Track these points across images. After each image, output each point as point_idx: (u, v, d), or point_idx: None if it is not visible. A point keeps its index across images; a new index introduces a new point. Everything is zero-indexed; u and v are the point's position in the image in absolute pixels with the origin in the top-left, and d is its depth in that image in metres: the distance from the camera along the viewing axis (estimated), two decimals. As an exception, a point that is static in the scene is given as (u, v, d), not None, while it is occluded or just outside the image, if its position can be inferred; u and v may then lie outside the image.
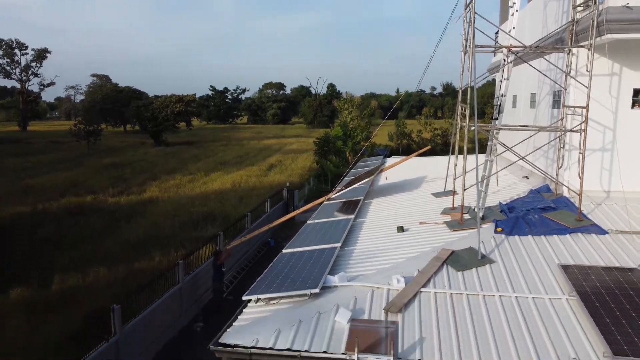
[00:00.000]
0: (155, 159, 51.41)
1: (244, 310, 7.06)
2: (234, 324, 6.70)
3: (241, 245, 19.69)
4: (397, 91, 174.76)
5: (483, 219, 9.37)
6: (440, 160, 18.44)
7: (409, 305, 6.72)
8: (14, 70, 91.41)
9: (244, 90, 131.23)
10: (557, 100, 11.59)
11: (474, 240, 8.51)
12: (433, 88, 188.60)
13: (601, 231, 8.80)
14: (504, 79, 9.56)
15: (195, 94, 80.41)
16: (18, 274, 18.97)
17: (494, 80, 20.59)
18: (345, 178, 18.22)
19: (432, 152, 58.33)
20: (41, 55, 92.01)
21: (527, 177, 13.11)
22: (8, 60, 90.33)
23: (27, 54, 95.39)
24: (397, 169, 20.38)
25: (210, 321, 14.81)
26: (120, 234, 23.61)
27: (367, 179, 14.34)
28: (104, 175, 40.26)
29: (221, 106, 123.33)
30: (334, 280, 7.35)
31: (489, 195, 9.96)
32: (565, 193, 10.57)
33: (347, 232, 9.95)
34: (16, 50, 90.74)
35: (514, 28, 9.63)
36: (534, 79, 13.25)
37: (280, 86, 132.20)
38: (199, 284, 15.46)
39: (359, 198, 13.55)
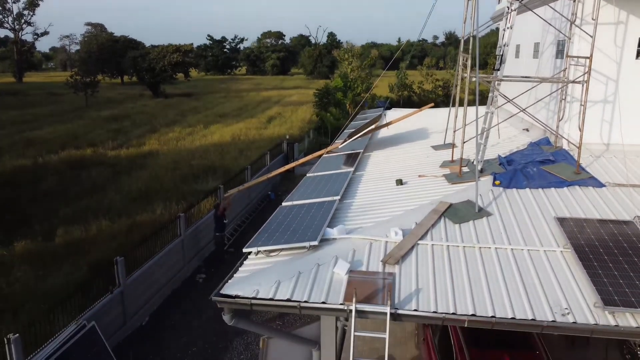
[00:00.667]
0: (154, 111, 51.00)
1: (244, 262, 7.20)
2: (235, 275, 6.84)
3: (242, 199, 19.87)
4: (399, 40, 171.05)
5: (482, 172, 9.39)
6: (440, 113, 18.26)
7: (406, 257, 6.85)
8: (6, 19, 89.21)
9: (242, 40, 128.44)
10: (560, 51, 11.36)
11: (472, 193, 8.56)
12: (435, 37, 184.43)
13: (598, 184, 8.85)
14: (507, 28, 9.33)
15: (192, 44, 78.71)
16: (22, 227, 19.26)
17: (497, 29, 20.13)
18: (345, 130, 18.13)
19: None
20: (33, 2, 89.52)
21: (527, 130, 13.04)
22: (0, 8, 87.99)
23: (18, 1, 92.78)
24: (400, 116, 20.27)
25: (212, 272, 15.15)
26: (121, 187, 23.77)
27: (366, 131, 14.27)
28: (104, 128, 40.07)
29: (219, 56, 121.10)
30: (333, 232, 7.45)
31: (489, 148, 9.92)
32: (565, 146, 10.54)
33: (346, 185, 10.00)
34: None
35: (519, -25, 9.31)
36: (538, 28, 12.93)
37: (280, 35, 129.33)
38: (201, 236, 15.70)
39: (358, 151, 13.54)
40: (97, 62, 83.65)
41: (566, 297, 6.04)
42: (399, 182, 9.89)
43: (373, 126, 14.59)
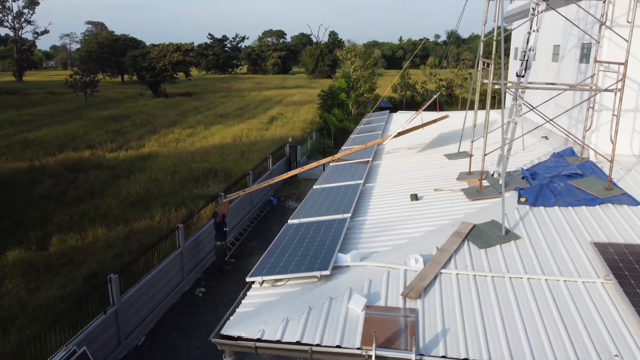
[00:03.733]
0: (154, 111, 50.24)
1: (247, 293, 6.48)
2: (237, 310, 6.12)
3: (243, 205, 19.16)
4: (400, 39, 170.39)
5: (505, 185, 8.65)
6: (451, 116, 17.51)
7: (428, 290, 6.13)
8: (6, 18, 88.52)
9: (243, 39, 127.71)
10: (585, 54, 10.62)
11: (495, 212, 7.85)
12: (437, 36, 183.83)
13: (633, 202, 8.11)
14: (533, 31, 8.58)
15: (193, 43, 77.98)
16: (16, 233, 18.57)
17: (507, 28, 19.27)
18: (352, 136, 17.40)
19: (435, 105, 57.06)
20: (33, 1, 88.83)
21: (546, 138, 12.31)
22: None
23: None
24: (406, 122, 19.53)
25: (213, 285, 14.43)
26: (119, 191, 23.03)
27: (374, 143, 13.56)
28: (103, 129, 39.33)
29: (220, 55, 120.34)
30: (346, 259, 6.73)
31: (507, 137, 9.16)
32: (592, 157, 9.82)
33: (356, 199, 9.29)
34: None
35: (546, -26, 8.57)
36: (559, 29, 12.18)
37: (281, 34, 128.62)
38: (200, 247, 14.97)
39: (367, 159, 12.82)
40: (97, 61, 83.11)
41: (613, 338, 5.32)
42: (414, 197, 9.16)
43: (380, 140, 13.86)
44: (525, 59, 8.70)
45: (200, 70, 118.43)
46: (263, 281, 6.50)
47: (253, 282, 6.61)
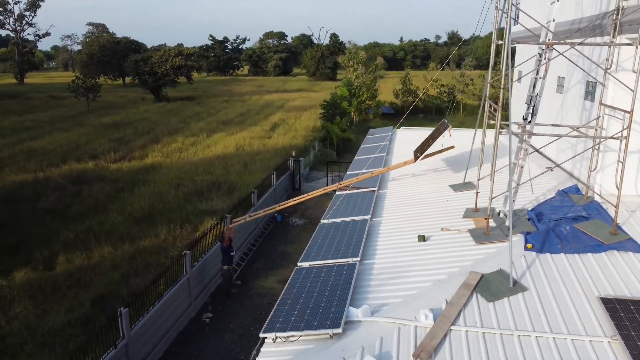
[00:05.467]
0: (156, 118, 50.40)
1: (261, 349, 6.60)
2: (251, 369, 6.24)
3: (248, 223, 19.27)
4: (401, 40, 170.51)
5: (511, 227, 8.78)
6: (453, 135, 17.61)
7: (439, 349, 6.26)
8: (7, 20, 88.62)
9: (244, 40, 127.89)
10: (590, 92, 10.74)
11: (503, 259, 7.98)
12: (437, 37, 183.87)
13: (639, 248, 8.23)
14: (540, 78, 8.71)
15: (194, 47, 78.17)
16: (22, 251, 18.69)
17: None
18: (355, 158, 17.53)
19: (438, 110, 57.05)
20: (35, 3, 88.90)
21: (550, 169, 12.41)
22: (1, 9, 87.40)
23: (19, 2, 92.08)
24: (409, 142, 19.64)
25: (219, 310, 14.56)
26: (124, 206, 23.17)
27: (379, 172, 13.69)
28: (105, 137, 39.49)
29: (221, 57, 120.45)
30: (357, 314, 6.86)
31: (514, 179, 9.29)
32: (597, 196, 9.94)
33: (364, 239, 9.42)
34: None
35: (553, 20, 8.69)
36: (563, 61, 12.26)
37: (282, 36, 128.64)
38: (207, 270, 15.11)
39: (372, 189, 12.95)
40: (98, 63, 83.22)
41: (620, 404, 5.46)
42: (422, 238, 9.29)
43: (385, 169, 13.99)
44: (532, 104, 8.82)
45: (201, 71, 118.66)
46: (276, 337, 6.63)
47: (266, 338, 6.73)
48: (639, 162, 9.67)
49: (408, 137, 20.68)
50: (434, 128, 15.18)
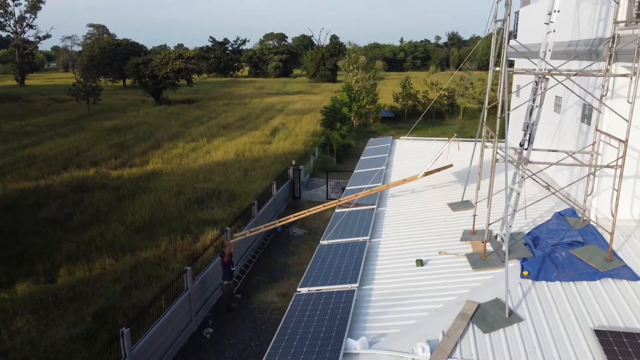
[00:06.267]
0: (157, 122, 50.56)
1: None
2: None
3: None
4: (401, 40, 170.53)
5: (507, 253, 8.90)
6: (452, 145, 17.70)
7: (435, 383, 6.39)
8: (8, 22, 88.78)
9: (244, 41, 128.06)
10: (587, 115, 10.86)
11: (500, 287, 8.12)
12: (437, 37, 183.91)
13: (633, 276, 8.35)
14: (537, 107, 8.83)
15: (195, 48, 78.32)
16: (23, 263, 18.83)
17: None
18: (355, 171, 17.66)
19: (438, 114, 57.07)
20: (35, 5, 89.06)
21: (547, 187, 12.54)
22: (1, 11, 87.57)
23: (20, 4, 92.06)
24: (409, 153, 19.79)
25: (220, 325, 14.70)
26: (125, 215, 23.31)
27: (378, 190, 13.82)
28: (106, 143, 39.68)
29: (222, 58, 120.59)
30: (355, 345, 6.99)
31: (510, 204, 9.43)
32: (592, 218, 10.07)
33: (363, 263, 9.55)
34: (9, 1, 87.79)
35: (549, 50, 8.81)
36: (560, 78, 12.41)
37: (282, 37, 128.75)
38: (207, 285, 15.25)
39: (371, 206, 13.08)
40: (99, 65, 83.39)
41: None
42: (420, 263, 9.42)
43: (385, 186, 14.12)
44: (529, 131, 8.94)
45: (201, 73, 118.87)
46: (276, 370, 6.76)
47: (266, 370, 6.86)
48: (634, 187, 9.78)
49: (407, 148, 20.82)
50: (439, 139, 15.33)
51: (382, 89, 60.14)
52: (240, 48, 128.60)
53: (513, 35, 17.82)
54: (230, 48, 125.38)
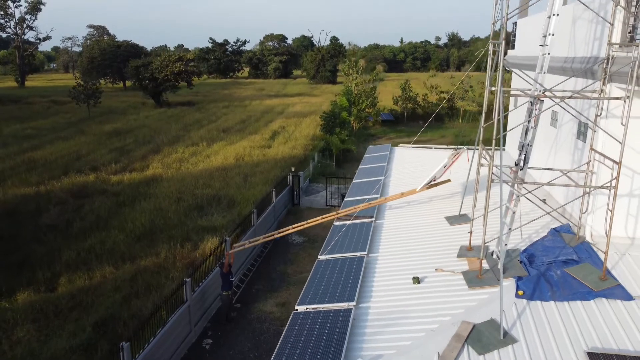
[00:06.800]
0: (157, 125, 50.67)
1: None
2: None
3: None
4: (401, 41, 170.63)
5: (502, 271, 9.02)
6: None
7: (430, 407, 6.50)
8: (8, 24, 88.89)
9: (244, 43, 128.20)
10: (582, 132, 10.98)
11: (495, 307, 8.22)
12: (437, 38, 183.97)
13: (627, 296, 8.46)
14: (532, 127, 8.95)
15: (195, 49, 78.47)
16: (24, 271, 18.93)
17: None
18: (353, 181, 17.77)
19: (437, 117, 57.26)
20: (35, 7, 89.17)
21: (544, 201, 12.66)
22: (1, 13, 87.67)
23: (20, 5, 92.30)
24: (408, 164, 19.90)
25: (219, 335, 14.81)
26: (125, 222, 23.41)
27: (377, 203, 13.93)
28: (106, 147, 39.79)
29: (221, 59, 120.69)
30: (352, 368, 7.11)
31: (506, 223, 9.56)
32: (588, 236, 10.18)
33: (360, 280, 9.67)
34: (9, 2, 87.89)
35: (544, 72, 8.92)
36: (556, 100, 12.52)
37: (282, 38, 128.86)
38: (206, 295, 15.35)
39: (370, 219, 13.20)
40: (99, 67, 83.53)
41: None
42: (416, 280, 9.53)
43: (383, 199, 14.23)
44: (524, 152, 9.06)
45: (201, 75, 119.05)
46: (274, 393, 6.87)
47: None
48: (628, 205, 9.89)
49: (407, 157, 20.91)
50: (438, 147, 15.44)
51: (381, 91, 60.30)
52: (240, 49, 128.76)
53: (511, 46, 17.95)
54: (230, 49, 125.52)
